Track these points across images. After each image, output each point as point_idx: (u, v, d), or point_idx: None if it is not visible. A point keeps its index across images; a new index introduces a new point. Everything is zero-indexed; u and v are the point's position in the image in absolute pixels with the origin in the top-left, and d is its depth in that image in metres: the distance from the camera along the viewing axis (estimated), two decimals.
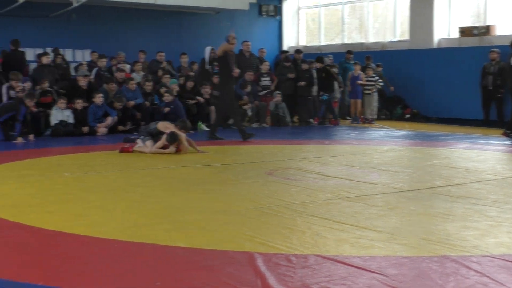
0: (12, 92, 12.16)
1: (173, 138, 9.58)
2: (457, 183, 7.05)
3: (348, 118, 16.90)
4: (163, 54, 15.80)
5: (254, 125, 15.12)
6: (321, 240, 4.57)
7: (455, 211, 5.60)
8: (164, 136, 9.62)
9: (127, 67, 15.40)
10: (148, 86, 14.07)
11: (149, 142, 9.73)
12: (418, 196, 6.29)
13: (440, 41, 17.21)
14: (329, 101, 15.78)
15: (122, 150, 9.75)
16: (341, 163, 8.72)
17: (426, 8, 17.08)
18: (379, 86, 16.60)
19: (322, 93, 15.72)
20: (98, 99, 12.72)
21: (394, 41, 18.69)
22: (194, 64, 16.41)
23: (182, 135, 9.74)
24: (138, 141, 9.89)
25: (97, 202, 6.00)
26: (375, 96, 16.53)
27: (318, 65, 15.91)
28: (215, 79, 14.95)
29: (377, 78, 16.44)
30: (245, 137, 11.60)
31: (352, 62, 16.95)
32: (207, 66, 15.84)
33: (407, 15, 17.96)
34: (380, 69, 17.09)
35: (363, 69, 16.76)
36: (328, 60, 16.51)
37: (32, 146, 10.79)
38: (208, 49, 15.94)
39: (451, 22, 17.18)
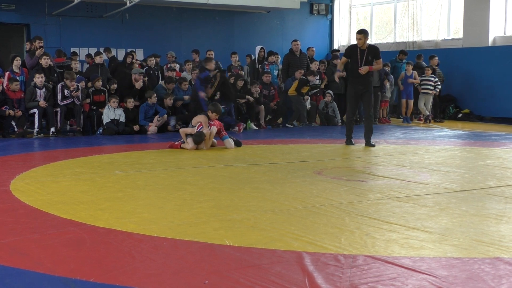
0: (66, 91, 12.42)
1: (199, 138, 9.89)
2: (511, 184, 6.91)
3: (400, 117, 16.72)
4: (212, 52, 15.90)
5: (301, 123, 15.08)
6: (370, 240, 4.54)
7: (509, 212, 5.49)
8: (191, 138, 10.05)
9: (177, 66, 15.56)
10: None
11: (190, 140, 10.08)
12: (470, 197, 6.18)
13: (495, 39, 16.87)
14: (228, 112, 13.37)
15: (171, 146, 10.25)
16: (391, 163, 8.63)
17: (481, 5, 16.77)
18: (438, 89, 16.35)
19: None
20: (153, 99, 12.87)
21: (448, 39, 18.41)
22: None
23: (213, 129, 10.08)
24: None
25: (148, 200, 6.08)
26: (433, 97, 16.32)
27: (214, 73, 13.53)
28: (265, 78, 15.00)
29: (436, 79, 16.19)
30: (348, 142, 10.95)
31: (405, 61, 16.74)
32: (257, 65, 15.89)
33: (461, 13, 17.67)
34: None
35: (418, 68, 16.58)
36: None
37: (85, 145, 10.99)
38: (258, 48, 16.00)
39: (507, 19, 16.83)
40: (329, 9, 21.30)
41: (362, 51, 10.55)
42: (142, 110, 12.93)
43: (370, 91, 10.77)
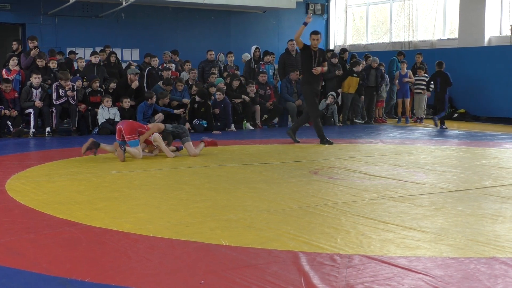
0: (61, 91, 12.41)
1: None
2: (506, 184, 6.93)
3: (395, 117, 16.75)
4: (213, 52, 15.87)
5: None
6: (366, 240, 4.54)
7: (505, 212, 5.50)
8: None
9: (173, 66, 15.55)
10: (195, 90, 14.11)
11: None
12: (466, 197, 6.19)
13: (490, 39, 16.90)
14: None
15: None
16: (386, 163, 8.64)
17: (477, 5, 16.80)
18: (431, 89, 16.37)
19: (197, 120, 13.40)
20: (153, 99, 12.82)
21: (443, 39, 18.43)
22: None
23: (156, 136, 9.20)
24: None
25: (144, 199, 6.08)
26: (426, 97, 16.33)
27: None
28: (261, 78, 15.01)
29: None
30: (323, 141, 11.09)
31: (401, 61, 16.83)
32: (253, 65, 15.90)
33: (457, 13, 17.70)
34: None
35: (413, 68, 16.62)
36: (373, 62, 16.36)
37: (81, 144, 10.95)
38: (253, 48, 16.01)
39: (502, 20, 16.86)
40: (325, 9, 21.32)
41: (315, 52, 10.89)
42: (141, 110, 12.87)
43: (320, 92, 11.38)
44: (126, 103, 12.91)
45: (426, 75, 16.21)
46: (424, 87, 16.13)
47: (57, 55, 14.59)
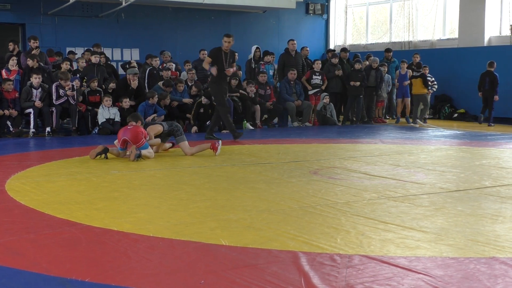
0: (61, 91, 12.41)
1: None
2: (506, 184, 6.93)
3: (395, 117, 16.75)
4: (205, 52, 15.86)
5: (295, 123, 15.08)
6: (366, 240, 4.54)
7: (505, 212, 5.50)
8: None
9: (173, 66, 15.55)
10: (194, 91, 14.12)
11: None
12: (466, 197, 6.19)
13: (490, 39, 16.90)
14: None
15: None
16: (386, 163, 8.64)
17: (477, 5, 16.81)
18: (434, 89, 16.39)
19: None
20: (155, 99, 12.80)
21: (443, 39, 18.44)
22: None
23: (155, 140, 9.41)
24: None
25: (144, 199, 6.08)
26: (429, 97, 16.35)
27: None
28: (261, 78, 15.01)
29: (433, 79, 16.21)
30: (208, 135, 11.71)
31: (393, 60, 16.87)
32: (253, 65, 15.90)
33: (457, 13, 17.70)
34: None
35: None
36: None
37: (81, 145, 10.98)
38: (253, 48, 16.01)
39: (502, 19, 16.87)
40: (325, 9, 21.32)
41: (226, 54, 11.32)
42: (142, 109, 12.81)
43: (227, 90, 11.96)
44: (126, 103, 12.90)
45: (430, 75, 16.20)
46: (429, 86, 16.13)
47: (55, 56, 14.57)
